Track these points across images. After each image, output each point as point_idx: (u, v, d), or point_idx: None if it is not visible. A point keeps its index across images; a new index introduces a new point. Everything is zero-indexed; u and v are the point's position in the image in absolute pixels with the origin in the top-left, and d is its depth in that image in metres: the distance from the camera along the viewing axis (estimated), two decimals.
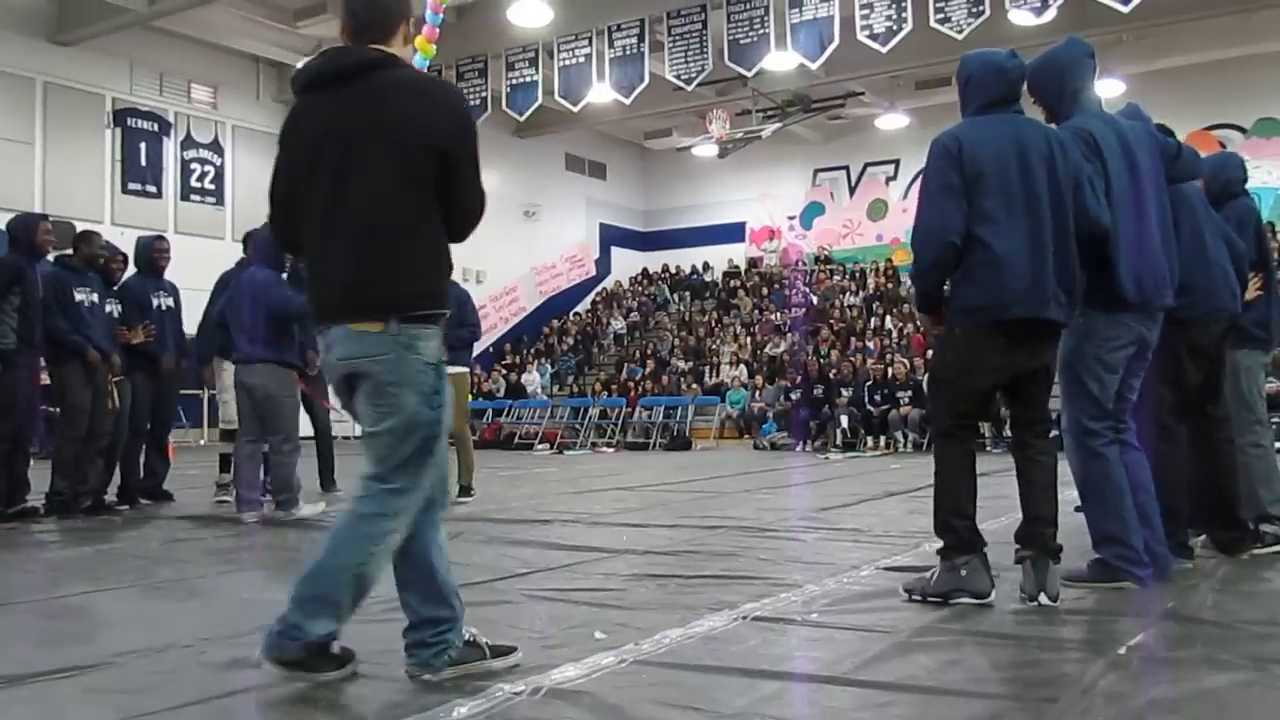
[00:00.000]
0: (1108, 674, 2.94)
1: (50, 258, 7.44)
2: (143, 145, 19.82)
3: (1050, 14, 15.01)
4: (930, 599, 3.93)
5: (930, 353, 18.32)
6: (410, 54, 3.14)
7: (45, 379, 7.55)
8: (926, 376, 4.12)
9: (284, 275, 7.25)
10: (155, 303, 8.12)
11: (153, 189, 19.94)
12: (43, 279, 7.22)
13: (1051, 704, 2.69)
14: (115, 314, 7.72)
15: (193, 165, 20.69)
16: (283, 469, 7.18)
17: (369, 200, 2.89)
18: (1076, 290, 4.01)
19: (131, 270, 8.22)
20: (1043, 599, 3.87)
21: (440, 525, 3.09)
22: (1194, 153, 5.06)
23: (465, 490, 8.40)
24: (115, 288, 7.91)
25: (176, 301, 8.32)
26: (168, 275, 8.45)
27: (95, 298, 7.47)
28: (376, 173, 2.88)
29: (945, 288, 4.09)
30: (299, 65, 3.20)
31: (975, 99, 4.16)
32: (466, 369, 8.71)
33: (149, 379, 8.03)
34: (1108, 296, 4.21)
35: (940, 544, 4.01)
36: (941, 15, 15.43)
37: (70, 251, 7.58)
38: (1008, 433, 4.32)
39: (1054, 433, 4.19)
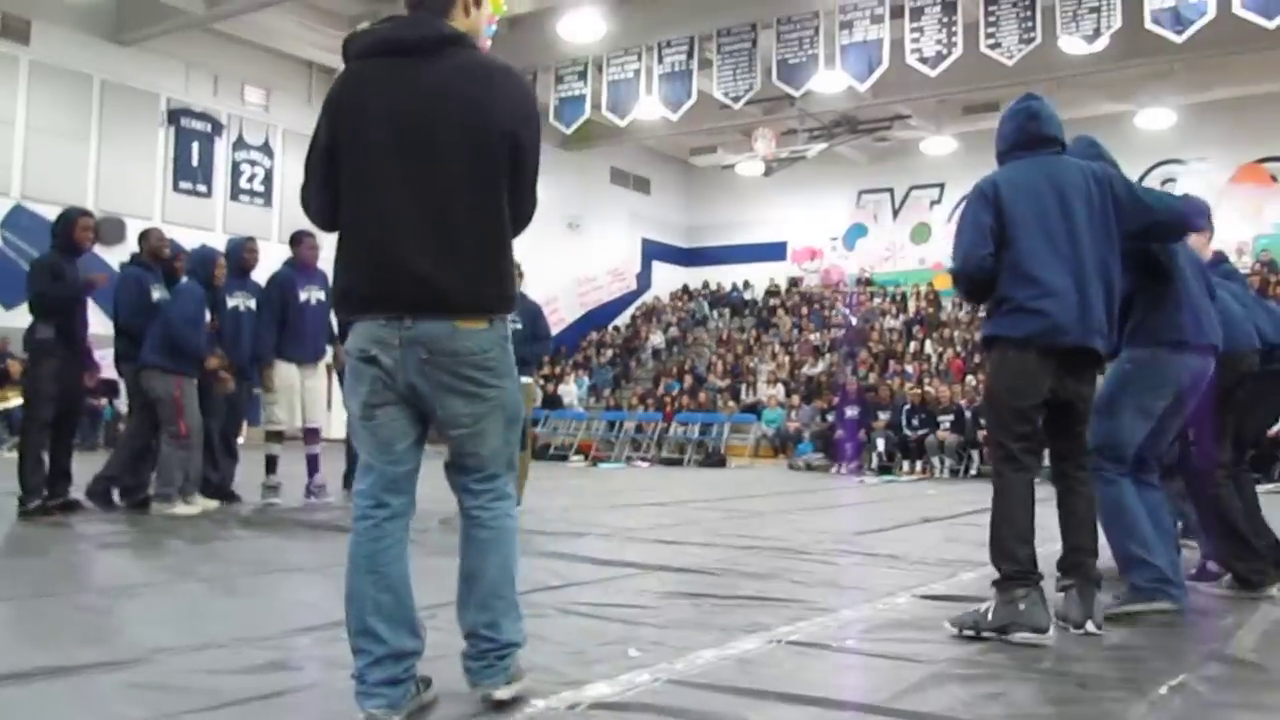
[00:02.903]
0: (1149, 715, 2.90)
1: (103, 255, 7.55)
2: (195, 145, 20.09)
3: (1102, 42, 14.93)
4: (985, 634, 3.82)
5: (968, 378, 18.23)
6: (480, 21, 2.91)
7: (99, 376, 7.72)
8: (981, 403, 4.20)
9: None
10: (232, 304, 8.16)
11: (203, 188, 20.20)
12: (125, 279, 7.63)
13: None
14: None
15: (243, 166, 20.94)
16: (168, 462, 7.43)
17: (458, 191, 2.71)
18: (1114, 323, 4.10)
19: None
20: (1090, 627, 3.90)
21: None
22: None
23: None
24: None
25: (259, 303, 8.33)
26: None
27: (166, 294, 7.69)
28: (462, 161, 2.71)
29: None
30: (357, 28, 2.99)
31: (999, 146, 4.32)
32: (531, 380, 8.82)
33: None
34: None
35: (998, 574, 3.93)
36: (992, 41, 15.39)
37: (137, 250, 7.88)
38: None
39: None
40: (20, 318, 7.07)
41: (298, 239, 8.48)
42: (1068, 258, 3.98)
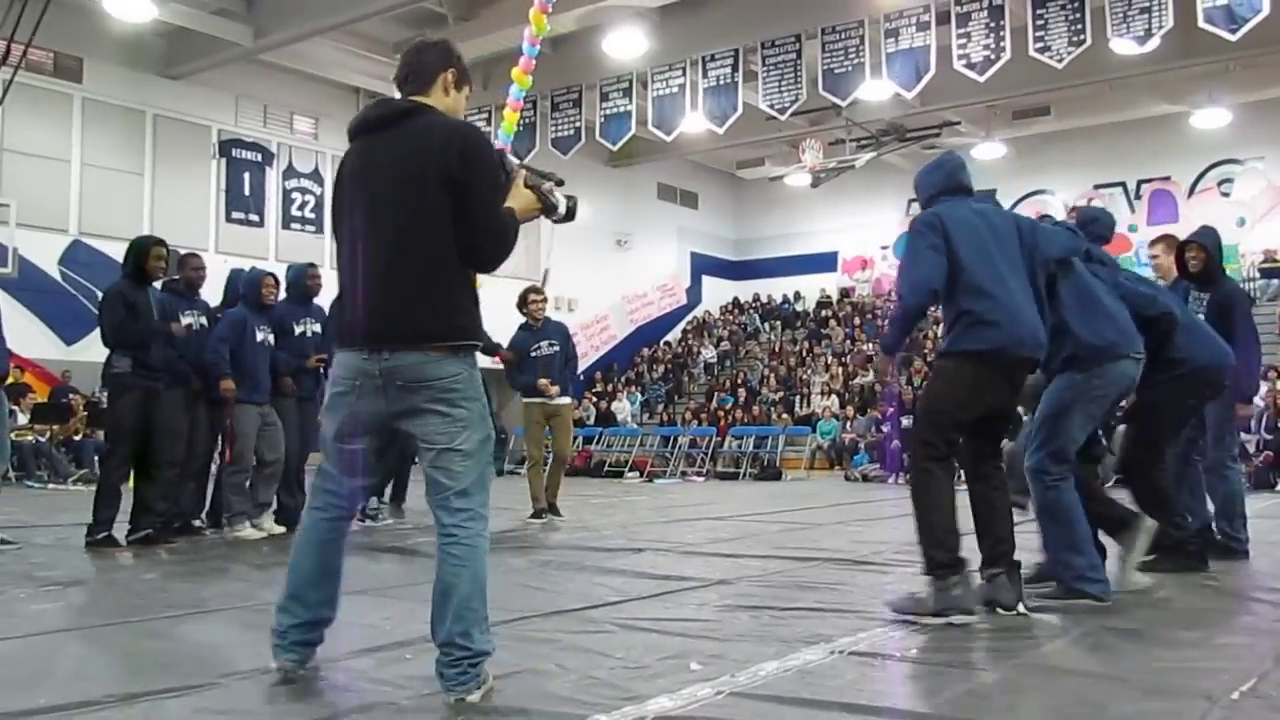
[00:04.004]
0: None
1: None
2: (246, 175, 20.40)
3: (1154, 42, 14.73)
4: (924, 618, 4.18)
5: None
6: (459, 101, 3.36)
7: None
8: (920, 407, 4.57)
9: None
10: (299, 330, 8.24)
11: (255, 218, 20.49)
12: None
13: None
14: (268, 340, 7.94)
15: (294, 194, 21.21)
16: (226, 488, 7.82)
17: (403, 237, 3.11)
18: (1047, 337, 4.57)
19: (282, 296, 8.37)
20: (1020, 608, 4.33)
21: None
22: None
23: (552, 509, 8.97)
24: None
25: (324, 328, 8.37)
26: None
27: (204, 321, 7.71)
28: (403, 210, 3.11)
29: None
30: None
31: (926, 192, 4.79)
32: (569, 400, 9.38)
33: (290, 405, 8.07)
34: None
35: (928, 564, 4.33)
36: (1041, 44, 15.22)
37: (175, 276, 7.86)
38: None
39: None
40: (81, 352, 7.14)
41: None
42: (1009, 282, 4.44)
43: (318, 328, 8.29)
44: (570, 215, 3.52)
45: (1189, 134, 22.70)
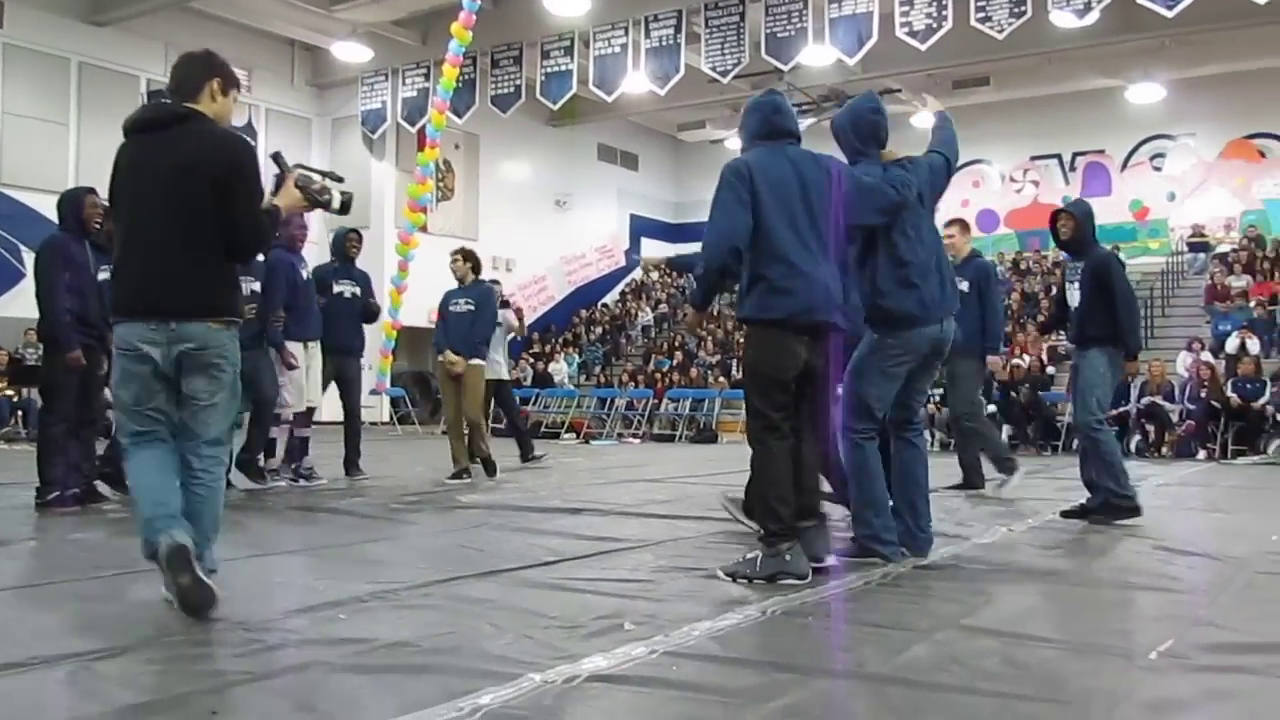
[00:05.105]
0: (1142, 679, 2.95)
1: None
2: None
3: (1093, 16, 14.88)
4: (755, 580, 4.24)
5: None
6: (228, 105, 3.90)
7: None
8: (743, 376, 4.67)
9: None
10: (248, 289, 8.09)
11: None
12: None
13: (1083, 708, 2.68)
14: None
15: None
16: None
17: (174, 228, 3.68)
18: (846, 300, 4.64)
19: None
20: (830, 560, 4.54)
21: None
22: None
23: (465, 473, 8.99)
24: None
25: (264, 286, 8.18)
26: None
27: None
28: (175, 206, 3.67)
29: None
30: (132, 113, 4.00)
31: (746, 134, 4.72)
32: (476, 362, 9.10)
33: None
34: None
35: (763, 532, 4.39)
36: (983, 14, 15.32)
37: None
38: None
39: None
40: (2, 308, 6.91)
41: (287, 220, 8.40)
42: (810, 242, 4.42)
43: (256, 286, 8.10)
44: (344, 209, 4.18)
45: (1124, 108, 23.03)
